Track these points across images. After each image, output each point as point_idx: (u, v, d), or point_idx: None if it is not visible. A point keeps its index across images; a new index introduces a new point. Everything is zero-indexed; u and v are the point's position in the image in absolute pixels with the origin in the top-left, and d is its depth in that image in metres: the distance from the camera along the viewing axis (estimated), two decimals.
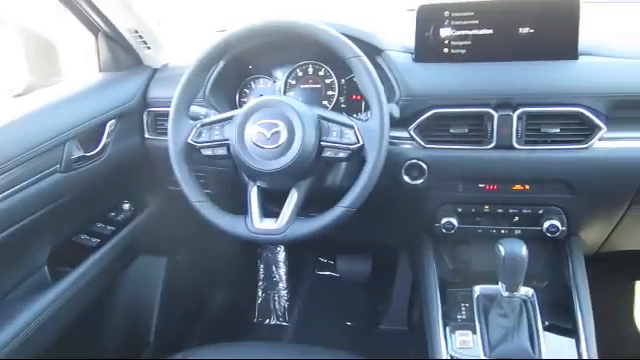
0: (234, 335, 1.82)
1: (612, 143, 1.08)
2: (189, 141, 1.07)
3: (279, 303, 1.99)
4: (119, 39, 1.32)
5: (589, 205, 1.16)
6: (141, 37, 1.32)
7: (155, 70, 1.39)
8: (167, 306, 1.64)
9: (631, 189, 1.13)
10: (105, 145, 1.25)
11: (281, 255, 2.01)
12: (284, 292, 2.01)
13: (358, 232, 1.43)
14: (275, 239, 1.03)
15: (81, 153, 1.17)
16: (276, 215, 1.04)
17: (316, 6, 1.45)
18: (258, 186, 1.07)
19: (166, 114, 1.10)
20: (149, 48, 1.35)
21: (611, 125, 1.07)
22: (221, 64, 1.23)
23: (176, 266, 1.68)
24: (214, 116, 1.12)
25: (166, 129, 1.09)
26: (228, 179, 1.22)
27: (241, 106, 1.18)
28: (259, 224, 1.04)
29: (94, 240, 1.31)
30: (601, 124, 1.06)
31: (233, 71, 1.28)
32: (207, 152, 1.07)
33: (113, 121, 1.27)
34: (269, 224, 1.03)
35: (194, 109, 1.14)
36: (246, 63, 1.30)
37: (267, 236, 1.04)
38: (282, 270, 2.02)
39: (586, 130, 1.07)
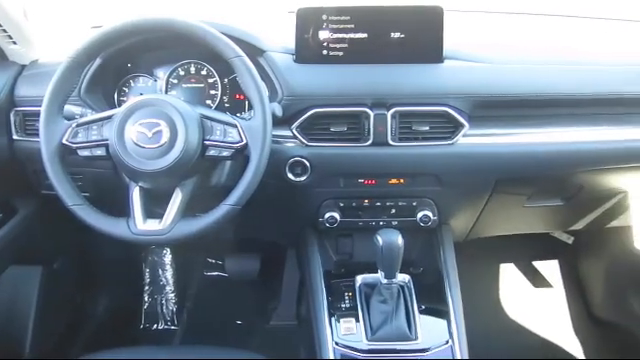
0: (119, 343, 1.75)
1: (474, 139, 1.18)
2: (64, 142, 1.02)
3: (167, 307, 1.95)
4: None
5: (456, 196, 1.27)
6: (5, 31, 1.23)
7: (23, 67, 1.30)
8: (44, 317, 1.54)
9: (491, 181, 1.25)
10: None
11: (167, 258, 1.97)
12: (172, 295, 1.96)
13: (245, 230, 1.44)
14: (159, 240, 1.02)
15: None
16: (160, 216, 1.03)
17: (196, 5, 1.43)
18: (140, 187, 1.04)
19: (37, 114, 1.04)
20: (15, 43, 1.26)
21: (473, 123, 1.17)
22: (97, 61, 1.18)
23: (53, 275, 1.59)
24: (91, 115, 1.07)
25: (37, 129, 1.03)
26: (108, 180, 1.18)
27: (120, 105, 1.15)
28: (142, 225, 1.02)
29: None
30: (464, 122, 1.16)
31: (110, 69, 1.24)
32: (84, 153, 1.03)
33: None
34: (153, 225, 1.02)
35: (69, 108, 1.09)
36: (124, 61, 1.26)
37: (151, 237, 1.02)
38: (169, 273, 1.97)
39: (452, 128, 1.17)
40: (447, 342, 1.16)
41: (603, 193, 1.39)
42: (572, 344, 1.87)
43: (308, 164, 1.17)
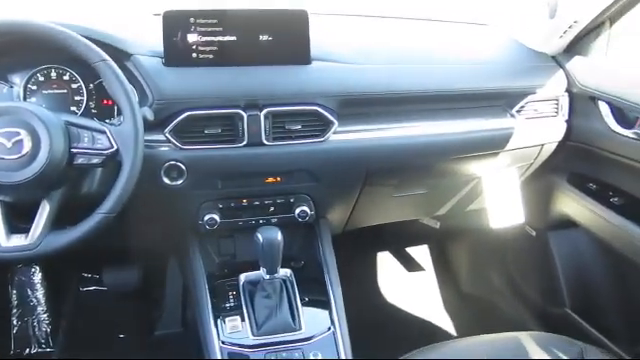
0: None
1: (344, 136, 1.25)
2: None
3: (39, 329, 1.82)
4: None
5: (330, 190, 1.34)
6: None
7: None
8: None
9: (361, 173, 1.33)
10: None
11: (37, 276, 1.83)
12: (45, 316, 1.83)
13: (123, 239, 1.39)
14: (27, 255, 0.96)
15: None
16: (27, 231, 0.97)
17: (55, 7, 1.36)
18: (1, 201, 0.98)
19: None
20: None
21: (342, 120, 1.24)
22: None
23: None
24: None
25: None
26: None
27: None
28: (6, 242, 0.95)
29: None
30: (334, 120, 1.22)
31: None
32: None
33: None
34: (18, 241, 0.96)
35: None
36: None
37: (17, 254, 0.96)
38: (40, 293, 1.84)
39: (322, 125, 1.22)
40: (329, 329, 1.22)
41: (460, 180, 1.53)
42: (444, 320, 2.03)
43: (184, 167, 1.16)
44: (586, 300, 1.62)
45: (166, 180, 1.16)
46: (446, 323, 2.02)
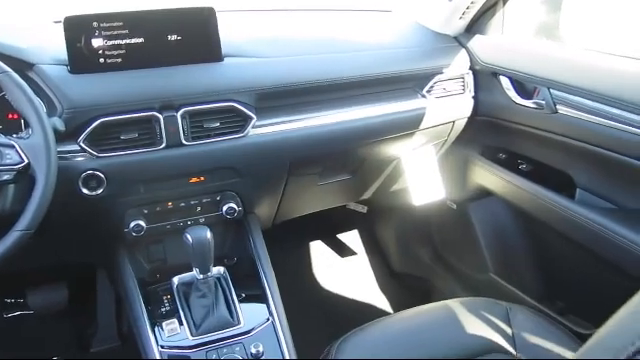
0: None
1: (263, 129, 1.26)
2: None
3: None
4: None
5: (256, 184, 1.35)
6: None
7: None
8: None
9: (284, 165, 1.35)
10: None
11: None
12: None
13: (46, 256, 1.34)
14: None
15: None
16: None
17: None
18: None
19: None
20: None
21: (260, 114, 1.25)
22: None
23: None
24: None
25: None
26: None
27: None
28: None
29: None
30: (252, 114, 1.23)
31: None
32: None
33: None
34: None
35: None
36: None
37: None
38: None
39: (241, 121, 1.23)
40: (268, 319, 1.23)
41: (382, 162, 1.59)
42: (380, 300, 2.10)
43: (102, 176, 1.13)
44: (507, 263, 1.73)
45: (85, 190, 1.12)
46: (382, 302, 2.09)
